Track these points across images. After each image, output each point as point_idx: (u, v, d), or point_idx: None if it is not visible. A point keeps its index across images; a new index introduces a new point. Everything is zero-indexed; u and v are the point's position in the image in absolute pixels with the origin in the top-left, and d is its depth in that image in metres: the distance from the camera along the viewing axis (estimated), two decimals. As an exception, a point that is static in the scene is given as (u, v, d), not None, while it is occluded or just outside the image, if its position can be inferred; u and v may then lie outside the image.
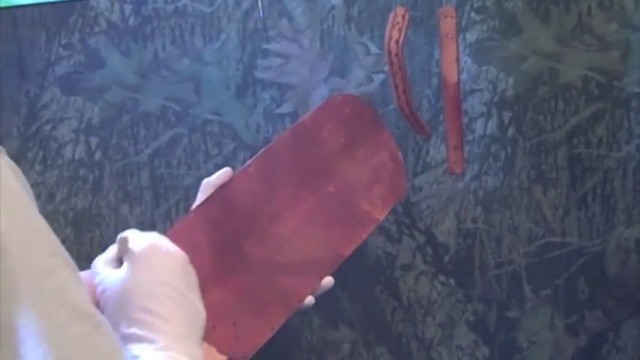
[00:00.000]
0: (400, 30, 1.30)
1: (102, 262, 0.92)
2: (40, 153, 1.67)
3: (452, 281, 1.60)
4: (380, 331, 1.63)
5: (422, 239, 1.61)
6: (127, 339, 0.83)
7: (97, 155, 1.67)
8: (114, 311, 0.86)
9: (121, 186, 1.67)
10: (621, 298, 1.56)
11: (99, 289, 0.89)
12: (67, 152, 1.67)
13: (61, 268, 0.66)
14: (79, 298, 0.66)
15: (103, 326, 0.66)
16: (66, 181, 1.67)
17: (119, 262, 0.91)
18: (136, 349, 0.83)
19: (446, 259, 1.60)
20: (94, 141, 1.67)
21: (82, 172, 1.67)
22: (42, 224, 0.67)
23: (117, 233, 1.67)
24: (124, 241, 0.92)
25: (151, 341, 0.82)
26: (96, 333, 0.66)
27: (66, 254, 0.67)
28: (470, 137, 1.56)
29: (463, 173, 1.47)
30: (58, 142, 1.67)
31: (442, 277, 1.61)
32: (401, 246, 1.61)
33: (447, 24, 1.37)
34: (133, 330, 0.83)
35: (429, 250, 1.61)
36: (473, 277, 1.60)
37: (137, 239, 0.92)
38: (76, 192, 1.67)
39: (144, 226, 1.65)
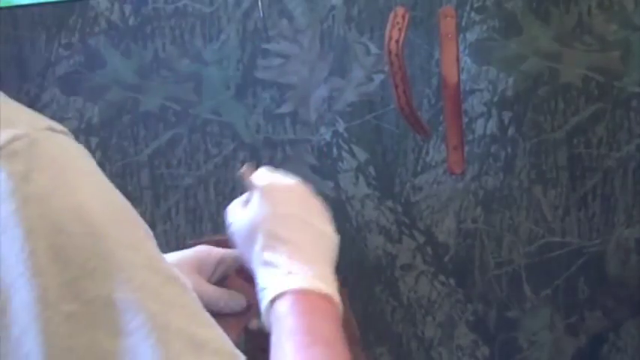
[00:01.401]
0: (400, 30, 1.30)
1: (230, 207, 0.95)
2: (40, 153, 1.67)
3: (452, 281, 1.60)
4: (380, 331, 1.63)
5: (422, 239, 1.61)
6: (258, 265, 0.86)
7: (97, 155, 1.67)
8: (244, 246, 0.89)
9: (121, 186, 1.66)
10: (621, 298, 1.56)
11: (230, 231, 0.92)
12: (67, 152, 1.67)
13: (145, 239, 0.69)
14: (165, 264, 0.69)
15: (187, 287, 0.70)
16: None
17: (248, 201, 0.94)
18: (264, 277, 0.85)
19: (446, 259, 1.60)
20: (94, 141, 1.67)
21: (82, 172, 1.67)
22: (123, 200, 0.71)
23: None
24: (242, 176, 0.95)
25: (279, 267, 0.84)
26: (184, 294, 0.69)
27: (145, 225, 0.71)
28: (470, 137, 1.56)
29: (463, 173, 1.47)
30: (58, 142, 1.67)
31: (442, 277, 1.61)
32: (401, 246, 1.61)
33: (447, 24, 1.37)
34: (262, 257, 0.86)
35: (429, 250, 1.61)
36: (473, 277, 1.60)
37: (259, 178, 0.94)
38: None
39: (144, 226, 1.65)
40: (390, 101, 1.52)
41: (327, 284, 0.83)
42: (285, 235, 0.87)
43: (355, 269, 1.62)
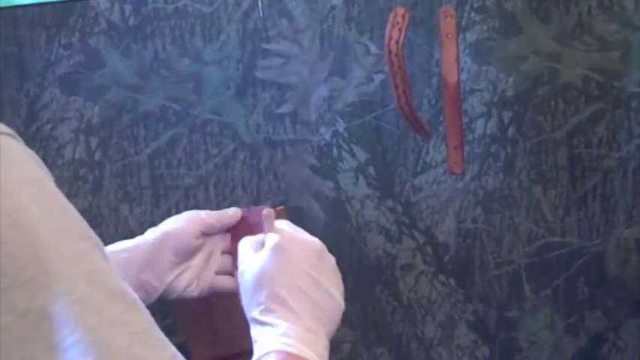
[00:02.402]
0: (400, 30, 1.30)
1: (246, 243, 0.95)
2: (40, 153, 1.67)
3: (452, 281, 1.60)
4: (380, 331, 1.63)
5: (422, 239, 1.61)
6: (254, 322, 0.87)
7: (97, 155, 1.67)
8: (248, 293, 0.89)
9: (121, 186, 1.67)
10: (621, 298, 1.56)
11: (239, 269, 0.92)
12: (67, 152, 1.67)
13: (91, 250, 0.66)
14: (111, 278, 0.66)
15: (138, 303, 0.66)
16: (66, 181, 1.67)
17: (262, 245, 0.93)
18: (257, 333, 0.86)
19: (446, 259, 1.60)
20: (94, 141, 1.67)
21: (82, 172, 1.67)
22: (69, 208, 0.67)
23: (117, 233, 1.68)
24: (270, 216, 0.95)
25: (275, 327, 0.84)
26: (131, 311, 0.65)
27: (95, 236, 0.67)
28: (470, 137, 1.56)
29: (463, 173, 1.47)
30: (58, 142, 1.67)
31: (442, 277, 1.61)
32: (401, 246, 1.61)
33: (447, 24, 1.37)
34: (261, 317, 0.86)
35: (429, 250, 1.61)
36: (473, 277, 1.60)
37: (280, 225, 0.94)
38: (76, 192, 1.67)
39: (144, 226, 1.65)
40: (390, 101, 1.51)
41: (318, 355, 0.84)
42: (289, 300, 0.87)
43: (355, 269, 1.62)
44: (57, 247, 0.63)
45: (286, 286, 0.87)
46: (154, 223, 1.65)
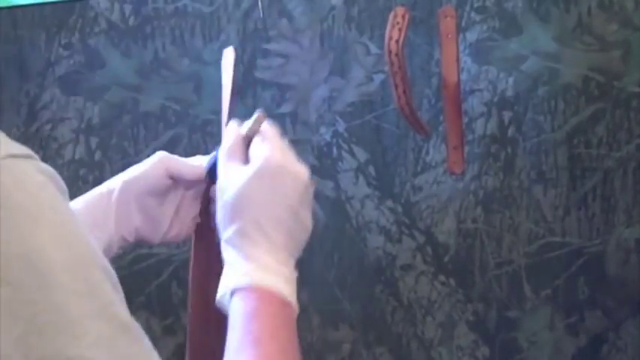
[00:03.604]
0: (400, 30, 1.30)
1: (228, 153, 0.90)
2: (40, 153, 1.67)
3: (452, 281, 1.60)
4: (380, 331, 1.63)
5: (422, 239, 1.61)
6: (228, 242, 0.84)
7: (97, 155, 1.67)
8: (225, 211, 0.85)
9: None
10: (621, 298, 1.56)
11: (218, 183, 0.88)
12: (67, 152, 1.67)
13: (103, 282, 0.65)
14: (120, 310, 0.66)
15: (140, 333, 0.67)
16: (66, 181, 1.67)
17: (244, 156, 0.89)
18: (230, 256, 0.83)
19: (446, 259, 1.60)
20: (94, 141, 1.67)
21: (82, 172, 1.67)
22: (82, 235, 0.66)
23: (117, 233, 1.65)
24: (260, 120, 0.91)
25: (250, 258, 0.82)
26: (134, 343, 0.66)
27: (105, 263, 0.66)
28: (470, 137, 1.56)
29: (463, 173, 1.47)
30: (58, 142, 1.67)
31: (442, 277, 1.61)
32: (401, 246, 1.61)
33: (447, 24, 1.37)
34: (236, 238, 0.83)
35: (429, 250, 1.61)
36: (473, 277, 1.60)
37: (270, 145, 0.89)
38: (76, 192, 1.67)
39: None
40: (390, 101, 1.52)
41: (292, 291, 0.83)
42: (268, 229, 0.84)
43: (355, 269, 1.62)
44: (71, 285, 0.62)
45: (268, 215, 0.84)
46: (154, 223, 1.65)
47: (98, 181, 1.66)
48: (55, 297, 0.61)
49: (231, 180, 0.86)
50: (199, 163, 1.02)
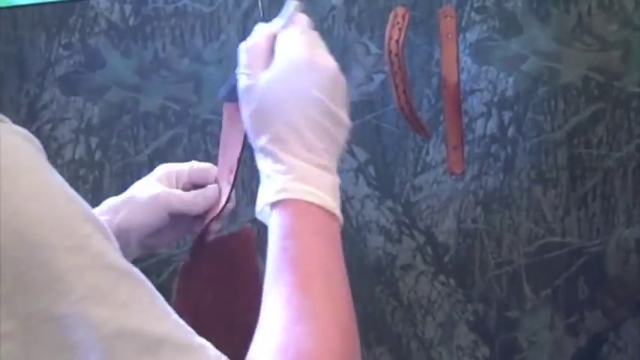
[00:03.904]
0: (400, 30, 1.30)
1: (248, 51, 0.84)
2: (40, 153, 1.67)
3: (452, 281, 1.60)
4: (380, 331, 1.63)
5: (422, 239, 1.61)
6: (263, 151, 0.79)
7: (97, 155, 1.67)
8: (254, 120, 0.80)
9: (121, 186, 1.66)
10: (621, 298, 1.56)
11: (243, 84, 0.81)
12: (67, 152, 1.67)
13: (92, 233, 0.63)
14: (115, 257, 0.64)
15: (141, 276, 0.65)
16: (66, 181, 1.67)
17: (267, 54, 0.82)
18: (265, 166, 0.79)
19: (446, 259, 1.60)
20: (94, 141, 1.67)
21: (82, 172, 1.67)
22: (65, 191, 0.65)
23: (117, 233, 1.65)
24: (297, 10, 0.86)
25: (284, 165, 0.77)
26: (139, 286, 0.64)
27: (94, 216, 0.65)
28: (470, 137, 1.56)
29: (463, 173, 1.47)
30: (58, 142, 1.67)
31: (442, 277, 1.61)
32: (401, 246, 1.61)
33: (447, 24, 1.37)
34: (271, 146, 0.78)
35: (429, 250, 1.61)
36: (473, 277, 1.60)
37: (296, 39, 0.82)
38: (76, 192, 1.67)
39: (144, 226, 1.65)
40: (390, 101, 1.51)
41: (335, 199, 0.77)
42: (303, 130, 0.78)
43: (355, 269, 1.62)
44: (56, 241, 0.61)
45: (300, 116, 0.78)
46: (154, 223, 1.65)
47: (98, 181, 1.67)
48: (39, 254, 0.60)
49: (255, 84, 0.80)
50: (205, 196, 0.98)
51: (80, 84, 1.67)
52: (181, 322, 0.66)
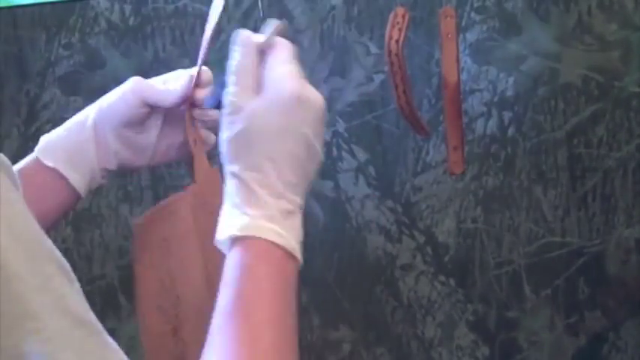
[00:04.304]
0: (400, 30, 1.30)
1: (238, 71, 0.84)
2: (40, 153, 1.67)
3: (452, 281, 1.60)
4: (380, 331, 1.63)
5: (422, 239, 1.61)
6: (235, 177, 0.77)
7: (97, 155, 1.67)
8: (234, 144, 0.78)
9: (121, 186, 1.67)
10: (621, 298, 1.56)
11: (230, 106, 0.80)
12: (67, 152, 1.67)
13: (56, 273, 0.63)
14: (75, 304, 0.64)
15: (96, 328, 0.65)
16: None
17: (255, 77, 0.82)
18: (235, 193, 0.77)
19: (446, 259, 1.60)
20: (94, 141, 1.67)
21: (82, 172, 1.67)
22: (34, 227, 0.64)
23: (117, 233, 1.67)
24: (280, 30, 0.87)
25: (254, 197, 0.76)
26: (90, 335, 0.64)
27: (58, 256, 0.64)
28: (470, 137, 1.56)
29: (463, 173, 1.47)
30: (58, 142, 1.67)
31: (442, 277, 1.61)
32: (401, 246, 1.61)
33: (447, 24, 1.37)
34: (244, 174, 0.76)
35: (429, 250, 1.61)
36: (473, 277, 1.60)
37: (285, 71, 0.82)
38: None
39: (144, 226, 1.65)
40: (390, 101, 1.51)
41: (298, 240, 0.77)
42: (283, 167, 0.77)
43: (355, 269, 1.62)
44: (27, 277, 0.61)
45: (281, 150, 0.77)
46: (154, 223, 1.65)
47: (98, 181, 1.67)
48: (15, 288, 0.60)
49: (242, 109, 0.80)
50: (177, 84, 0.99)
51: (80, 84, 1.67)
52: None
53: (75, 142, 0.96)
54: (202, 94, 0.97)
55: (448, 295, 1.60)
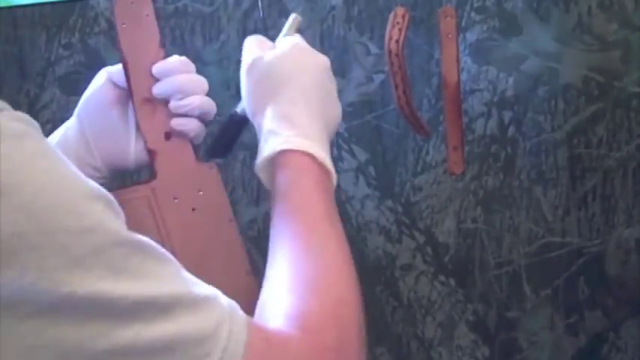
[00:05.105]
0: (400, 30, 1.30)
1: (255, 41, 0.95)
2: (40, 153, 1.67)
3: (452, 281, 1.60)
4: (380, 331, 1.63)
5: (422, 239, 1.61)
6: (271, 112, 0.86)
7: (97, 155, 1.67)
8: (261, 85, 0.89)
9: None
10: (621, 298, 1.56)
11: (246, 61, 0.92)
12: (67, 152, 1.67)
13: (104, 210, 0.65)
14: (125, 232, 0.66)
15: (149, 246, 0.67)
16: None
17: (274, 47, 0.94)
18: (271, 123, 0.86)
19: (446, 259, 1.60)
20: (94, 141, 1.67)
21: (82, 172, 1.67)
22: (74, 172, 0.66)
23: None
24: (297, 24, 0.99)
25: (290, 121, 0.85)
26: (148, 256, 0.67)
27: (102, 192, 0.66)
28: (470, 137, 1.56)
29: (463, 173, 1.47)
30: (58, 142, 1.67)
31: (442, 277, 1.61)
32: (401, 246, 1.61)
33: (447, 24, 1.37)
34: (279, 106, 0.86)
35: (429, 250, 1.61)
36: (473, 277, 1.60)
37: (295, 37, 0.95)
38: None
39: (144, 226, 1.65)
40: (390, 101, 1.52)
41: (330, 161, 0.85)
42: (311, 97, 0.87)
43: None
44: (73, 224, 0.62)
45: (305, 84, 0.88)
46: (154, 223, 1.65)
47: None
48: (58, 240, 0.62)
49: (262, 57, 0.89)
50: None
51: (80, 84, 1.67)
52: (192, 278, 0.69)
53: (66, 146, 0.98)
54: (162, 87, 0.97)
55: (448, 295, 1.60)
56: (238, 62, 1.66)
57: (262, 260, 0.98)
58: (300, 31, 1.00)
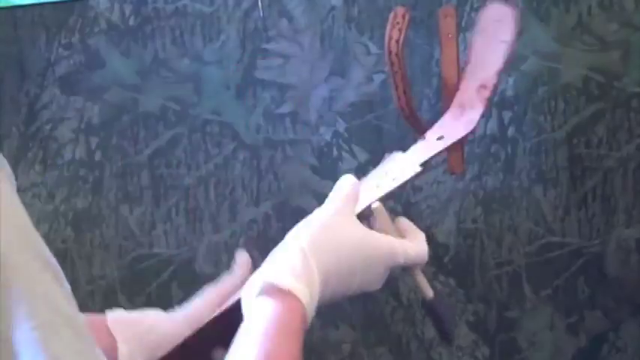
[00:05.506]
0: (400, 30, 1.30)
1: (346, 198, 1.01)
2: (40, 153, 1.67)
3: (452, 281, 1.60)
4: (380, 331, 1.63)
5: (422, 239, 1.61)
6: (293, 244, 0.92)
7: (97, 155, 1.67)
8: (323, 235, 0.95)
9: (121, 186, 1.67)
10: (621, 298, 1.56)
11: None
12: (67, 152, 1.67)
13: (44, 269, 0.65)
14: (64, 302, 0.65)
15: (85, 330, 0.66)
16: (66, 181, 1.67)
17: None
18: (281, 255, 0.92)
19: (446, 259, 1.60)
20: (94, 141, 1.67)
21: (82, 172, 1.67)
22: (27, 223, 0.66)
23: (117, 233, 1.67)
24: (381, 210, 1.05)
25: (308, 277, 0.93)
26: (80, 338, 0.65)
27: (47, 254, 0.66)
28: (470, 137, 1.56)
29: (463, 173, 1.47)
30: (58, 142, 1.67)
31: (442, 277, 1.61)
32: (401, 246, 1.61)
33: (447, 24, 1.37)
34: (303, 244, 0.92)
35: (428, 250, 1.61)
36: (473, 277, 1.60)
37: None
38: (76, 192, 1.67)
39: (144, 226, 1.65)
40: (390, 101, 1.51)
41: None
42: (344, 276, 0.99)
43: None
44: (18, 266, 0.63)
45: (355, 261, 0.99)
46: (154, 223, 1.65)
47: (98, 181, 1.67)
48: (3, 274, 0.62)
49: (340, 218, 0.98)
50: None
51: (80, 84, 1.67)
52: None
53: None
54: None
55: (448, 295, 1.60)
56: (238, 62, 1.67)
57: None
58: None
